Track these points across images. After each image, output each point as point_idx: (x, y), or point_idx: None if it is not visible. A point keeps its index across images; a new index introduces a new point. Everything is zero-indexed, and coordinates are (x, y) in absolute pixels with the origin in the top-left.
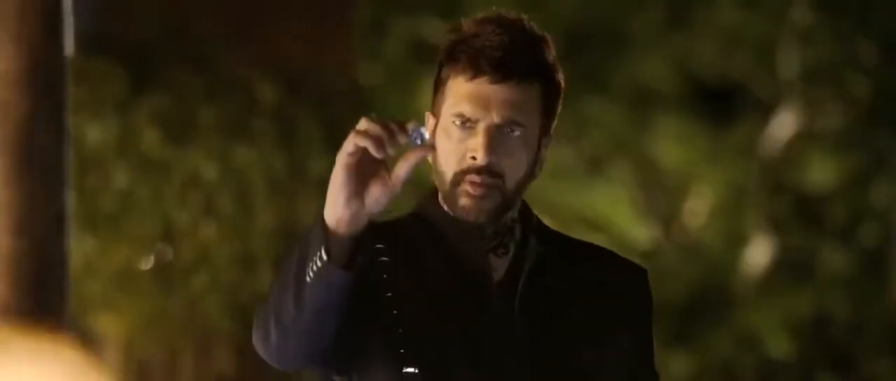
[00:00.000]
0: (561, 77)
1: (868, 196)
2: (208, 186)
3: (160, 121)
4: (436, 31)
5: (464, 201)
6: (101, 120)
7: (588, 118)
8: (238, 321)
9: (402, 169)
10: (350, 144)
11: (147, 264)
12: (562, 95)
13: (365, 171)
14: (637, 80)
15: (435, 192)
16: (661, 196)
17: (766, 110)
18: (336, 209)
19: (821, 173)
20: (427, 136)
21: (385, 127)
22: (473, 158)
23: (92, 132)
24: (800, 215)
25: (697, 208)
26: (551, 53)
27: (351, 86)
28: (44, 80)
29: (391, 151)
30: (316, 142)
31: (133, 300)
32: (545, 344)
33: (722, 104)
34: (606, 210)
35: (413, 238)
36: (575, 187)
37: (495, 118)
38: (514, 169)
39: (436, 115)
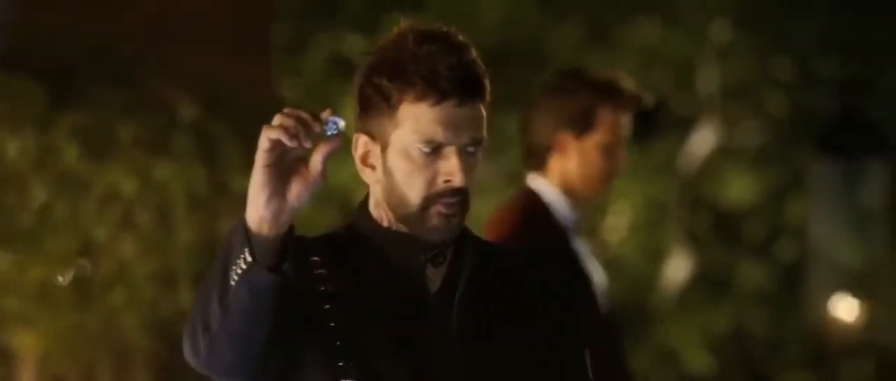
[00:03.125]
0: None
1: (784, 212)
2: (127, 201)
3: (80, 137)
4: (355, 47)
5: (436, 221)
6: (20, 136)
7: (509, 135)
8: (157, 337)
9: (316, 161)
10: (264, 139)
11: (65, 279)
12: None
13: (285, 169)
14: None
15: (365, 204)
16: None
17: (685, 126)
18: (257, 209)
19: (739, 189)
20: (342, 125)
21: (297, 117)
22: (447, 181)
23: (10, 148)
24: (718, 230)
25: (617, 224)
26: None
27: (271, 102)
28: None
29: (307, 144)
30: (236, 158)
31: (50, 316)
32: (483, 354)
33: (641, 120)
34: None
35: (348, 251)
36: (496, 202)
37: (465, 139)
38: (473, 184)
39: (377, 138)
